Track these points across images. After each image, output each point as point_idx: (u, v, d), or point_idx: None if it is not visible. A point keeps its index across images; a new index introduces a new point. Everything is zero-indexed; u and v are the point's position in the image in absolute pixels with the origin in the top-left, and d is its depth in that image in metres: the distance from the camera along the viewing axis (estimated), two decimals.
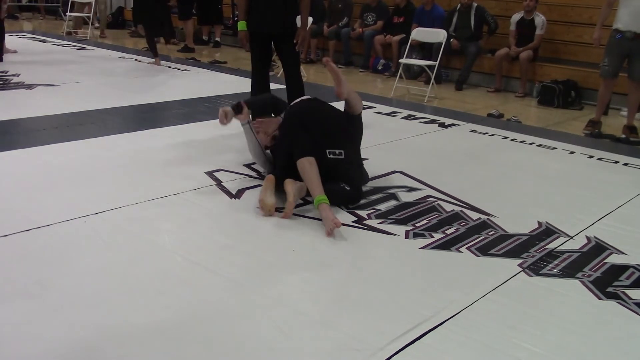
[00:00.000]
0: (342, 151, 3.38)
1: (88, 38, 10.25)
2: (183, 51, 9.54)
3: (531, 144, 5.08)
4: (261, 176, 3.73)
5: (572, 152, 4.91)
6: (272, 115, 3.88)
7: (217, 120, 3.58)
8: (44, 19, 13.52)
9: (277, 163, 3.49)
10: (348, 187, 3.36)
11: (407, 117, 5.80)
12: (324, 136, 3.37)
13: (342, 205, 3.34)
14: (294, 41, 4.52)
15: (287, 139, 3.42)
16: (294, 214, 3.19)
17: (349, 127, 3.56)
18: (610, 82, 5.71)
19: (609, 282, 2.70)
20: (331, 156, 3.34)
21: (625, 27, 5.36)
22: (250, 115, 3.74)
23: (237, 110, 3.57)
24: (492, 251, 2.93)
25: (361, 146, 3.63)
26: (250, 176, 3.75)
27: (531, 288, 2.61)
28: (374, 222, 3.18)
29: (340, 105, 3.65)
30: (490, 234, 3.14)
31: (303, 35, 4.55)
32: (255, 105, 3.78)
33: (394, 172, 4.02)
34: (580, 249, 3.03)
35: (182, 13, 9.98)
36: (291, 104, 3.76)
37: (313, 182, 3.16)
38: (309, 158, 3.22)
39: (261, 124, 3.69)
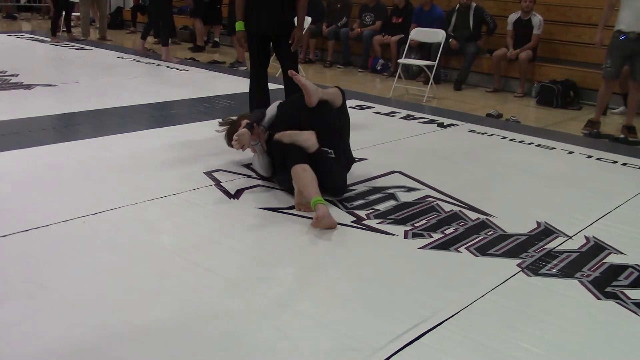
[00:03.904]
0: (333, 150, 3.43)
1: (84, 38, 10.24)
2: (194, 50, 9.64)
3: (530, 144, 5.09)
4: (260, 176, 3.73)
5: (571, 152, 4.91)
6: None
7: (216, 120, 3.57)
8: (43, 19, 13.51)
9: (281, 174, 3.52)
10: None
11: (406, 117, 5.81)
12: (316, 134, 3.39)
13: (334, 192, 3.38)
14: (289, 41, 4.52)
15: (279, 147, 3.46)
16: (294, 214, 3.19)
17: (338, 122, 3.60)
18: (612, 83, 5.72)
19: (607, 282, 2.70)
20: (325, 154, 3.38)
21: (629, 28, 5.37)
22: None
23: (251, 129, 3.53)
24: (491, 251, 2.94)
25: (359, 146, 3.63)
26: (249, 176, 3.75)
27: (530, 288, 2.61)
28: (372, 222, 3.18)
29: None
30: (489, 234, 3.14)
31: (299, 36, 4.55)
32: (257, 118, 3.76)
33: (393, 172, 4.02)
34: (579, 248, 3.03)
35: (193, 11, 10.00)
36: (282, 103, 3.77)
37: (308, 186, 3.17)
38: (302, 165, 3.23)
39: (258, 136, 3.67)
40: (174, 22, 10.31)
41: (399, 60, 7.56)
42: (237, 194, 3.46)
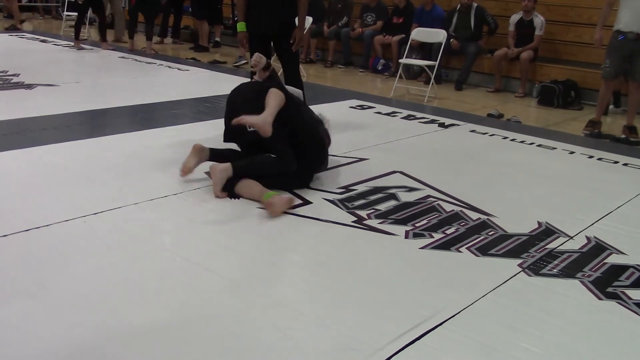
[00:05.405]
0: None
1: (86, 38, 10.23)
2: (197, 50, 9.69)
3: (531, 144, 5.09)
4: None
5: (572, 152, 4.91)
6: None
7: (217, 120, 3.58)
8: (44, 19, 13.50)
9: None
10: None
11: (407, 117, 5.80)
12: (242, 112, 3.31)
13: (278, 182, 3.40)
14: (290, 41, 4.52)
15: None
16: (294, 214, 3.19)
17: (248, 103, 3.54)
18: (611, 83, 5.72)
19: (608, 282, 2.70)
20: (251, 129, 3.31)
21: (627, 28, 5.36)
22: None
23: (268, 67, 3.73)
24: (492, 251, 2.93)
25: (360, 146, 3.57)
26: None
27: (531, 288, 2.61)
28: (373, 222, 3.18)
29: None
30: (490, 234, 3.14)
31: (300, 36, 4.55)
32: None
33: (394, 172, 4.02)
34: (580, 249, 3.03)
35: (198, 13, 10.04)
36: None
37: (252, 188, 3.28)
38: (241, 182, 3.33)
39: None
40: (176, 21, 10.53)
41: (400, 60, 7.55)
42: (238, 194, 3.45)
